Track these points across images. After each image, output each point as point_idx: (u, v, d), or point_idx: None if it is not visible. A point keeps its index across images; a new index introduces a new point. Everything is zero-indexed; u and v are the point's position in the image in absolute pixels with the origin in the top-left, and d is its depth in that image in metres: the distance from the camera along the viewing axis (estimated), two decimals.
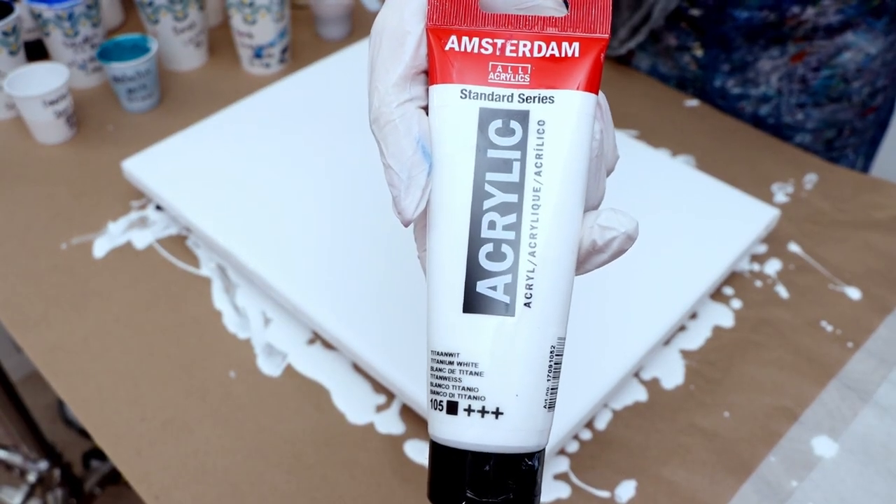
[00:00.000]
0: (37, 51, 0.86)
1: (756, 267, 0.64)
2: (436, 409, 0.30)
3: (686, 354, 0.58)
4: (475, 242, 0.29)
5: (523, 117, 0.29)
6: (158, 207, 0.70)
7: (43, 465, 1.05)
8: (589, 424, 0.54)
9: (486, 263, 0.29)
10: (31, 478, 1.05)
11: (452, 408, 0.29)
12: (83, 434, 1.20)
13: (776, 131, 0.79)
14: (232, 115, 0.74)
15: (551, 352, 0.29)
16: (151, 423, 0.54)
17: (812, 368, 0.57)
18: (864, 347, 0.58)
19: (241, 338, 0.59)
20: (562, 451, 0.52)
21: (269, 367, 0.57)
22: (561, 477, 0.51)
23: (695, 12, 0.75)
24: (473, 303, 0.29)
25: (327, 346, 0.59)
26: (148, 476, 0.51)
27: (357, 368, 0.57)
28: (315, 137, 0.72)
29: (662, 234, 0.62)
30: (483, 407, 0.29)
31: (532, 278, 0.29)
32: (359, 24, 0.94)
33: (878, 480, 0.50)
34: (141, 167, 0.68)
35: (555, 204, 0.29)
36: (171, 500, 0.50)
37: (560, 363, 0.30)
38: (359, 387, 0.56)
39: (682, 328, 0.60)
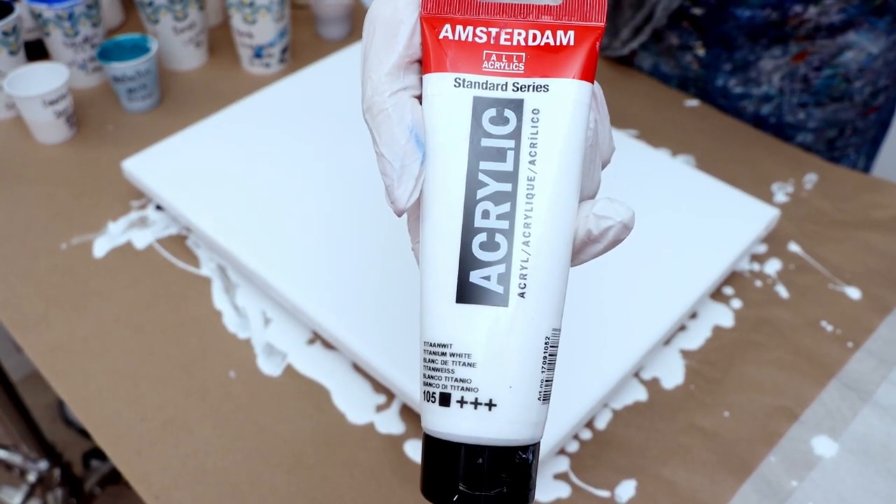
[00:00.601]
0: (37, 51, 0.86)
1: (756, 267, 0.64)
2: (428, 400, 0.29)
3: (686, 354, 0.58)
4: (468, 232, 0.29)
5: (517, 106, 0.29)
6: (158, 207, 0.70)
7: (43, 464, 1.05)
8: (589, 424, 0.54)
9: (479, 253, 0.29)
10: (31, 478, 1.05)
11: (445, 399, 0.29)
12: (83, 434, 1.20)
13: (778, 131, 0.79)
14: (232, 115, 0.74)
15: (546, 343, 0.29)
16: (151, 423, 0.54)
17: (812, 368, 0.57)
18: (864, 347, 0.58)
19: (241, 338, 0.59)
20: (562, 451, 0.52)
21: (269, 367, 0.57)
22: (561, 476, 0.51)
23: (697, 11, 0.75)
24: (467, 293, 0.29)
25: (327, 346, 0.59)
26: (148, 476, 0.51)
27: (357, 368, 0.57)
28: (315, 137, 0.72)
29: (662, 234, 0.62)
30: (476, 399, 0.28)
31: (526, 268, 0.29)
32: (359, 24, 0.94)
33: (878, 480, 0.50)
34: (141, 167, 0.68)
35: (549, 193, 0.29)
36: (171, 500, 0.50)
37: (555, 355, 0.30)
38: (359, 387, 0.56)
39: (682, 328, 0.60)
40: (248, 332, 0.60)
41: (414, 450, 0.52)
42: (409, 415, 0.54)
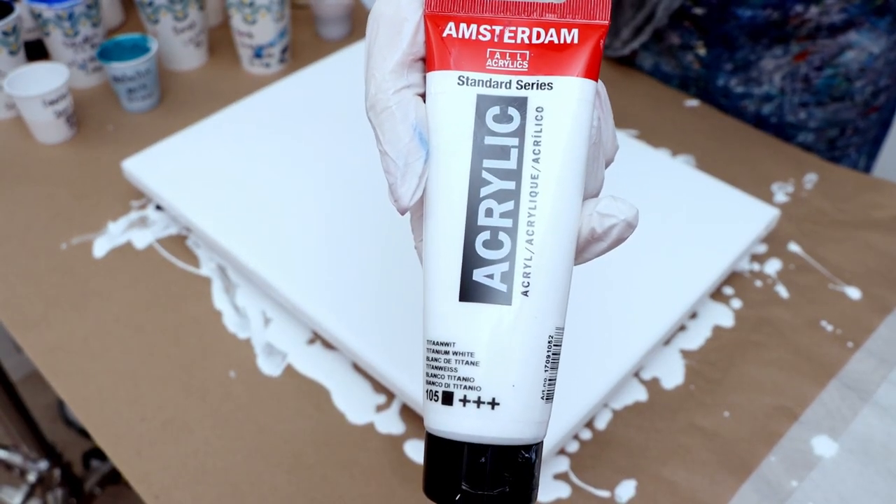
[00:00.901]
0: (37, 51, 0.86)
1: (756, 267, 0.64)
2: (431, 399, 0.29)
3: (686, 354, 0.58)
4: (472, 230, 0.29)
5: (521, 104, 0.29)
6: (158, 207, 0.70)
7: (43, 464, 1.05)
8: (589, 424, 0.54)
9: (482, 251, 0.29)
10: (31, 478, 1.05)
11: (448, 398, 0.29)
12: (83, 434, 1.20)
13: (779, 130, 0.79)
14: (232, 115, 0.74)
15: (549, 342, 0.29)
16: (151, 423, 0.54)
17: (812, 368, 0.57)
18: (864, 347, 0.58)
19: (241, 338, 0.59)
20: (562, 451, 0.52)
21: (269, 367, 0.57)
22: (561, 476, 0.51)
23: (698, 11, 0.75)
24: (470, 291, 0.29)
25: (327, 346, 0.59)
26: (148, 476, 0.51)
27: (357, 368, 0.57)
28: (315, 137, 0.72)
29: (662, 234, 0.62)
30: (479, 397, 0.28)
31: (530, 267, 0.28)
32: (359, 24, 0.94)
33: (878, 480, 0.50)
34: (141, 167, 0.68)
35: (553, 191, 0.29)
36: (171, 500, 0.50)
37: (558, 354, 0.30)
38: (359, 387, 0.56)
39: (682, 328, 0.60)
40: (248, 332, 0.60)
41: (414, 450, 0.52)
42: (409, 415, 0.54)
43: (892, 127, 0.85)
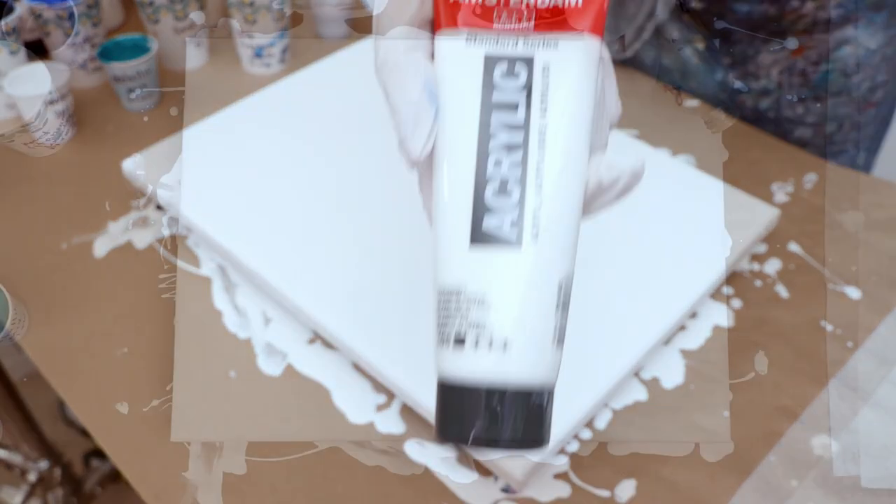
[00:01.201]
0: (37, 51, 0.86)
1: (756, 266, 0.64)
2: (443, 344, 0.30)
3: (686, 354, 0.58)
4: (481, 180, 0.29)
5: (528, 62, 0.30)
6: (159, 207, 0.70)
7: (43, 464, 1.05)
8: (589, 424, 0.54)
9: (492, 200, 0.29)
10: (32, 477, 1.05)
11: (459, 341, 0.29)
12: (83, 434, 1.20)
13: (776, 125, 0.79)
14: (232, 115, 0.74)
15: (559, 287, 0.29)
16: (151, 422, 0.54)
17: (812, 368, 0.57)
18: (864, 347, 0.58)
19: (241, 338, 0.59)
20: (562, 451, 0.52)
21: (269, 367, 0.57)
22: (561, 476, 0.51)
23: (696, 6, 0.75)
24: (480, 238, 0.29)
25: (327, 345, 0.59)
26: (148, 476, 0.51)
27: (357, 368, 0.57)
28: (315, 137, 0.72)
29: (663, 234, 0.62)
30: (491, 339, 0.29)
31: (539, 213, 0.29)
32: (358, 25, 0.94)
33: (878, 480, 0.50)
34: (141, 167, 0.68)
35: (561, 142, 0.30)
36: (171, 500, 0.50)
37: (568, 302, 0.30)
38: (359, 387, 0.56)
39: (682, 328, 0.60)
40: (248, 332, 0.60)
41: (414, 450, 0.52)
42: (409, 415, 0.54)
43: (891, 124, 0.85)
